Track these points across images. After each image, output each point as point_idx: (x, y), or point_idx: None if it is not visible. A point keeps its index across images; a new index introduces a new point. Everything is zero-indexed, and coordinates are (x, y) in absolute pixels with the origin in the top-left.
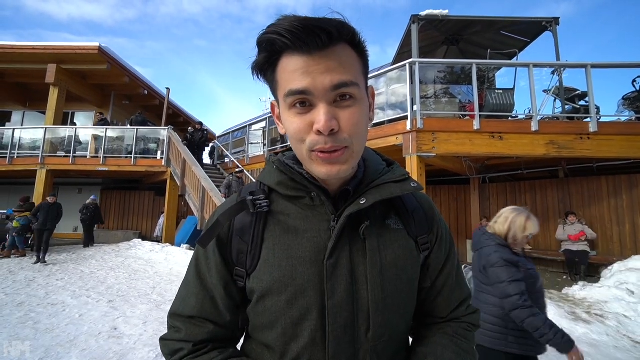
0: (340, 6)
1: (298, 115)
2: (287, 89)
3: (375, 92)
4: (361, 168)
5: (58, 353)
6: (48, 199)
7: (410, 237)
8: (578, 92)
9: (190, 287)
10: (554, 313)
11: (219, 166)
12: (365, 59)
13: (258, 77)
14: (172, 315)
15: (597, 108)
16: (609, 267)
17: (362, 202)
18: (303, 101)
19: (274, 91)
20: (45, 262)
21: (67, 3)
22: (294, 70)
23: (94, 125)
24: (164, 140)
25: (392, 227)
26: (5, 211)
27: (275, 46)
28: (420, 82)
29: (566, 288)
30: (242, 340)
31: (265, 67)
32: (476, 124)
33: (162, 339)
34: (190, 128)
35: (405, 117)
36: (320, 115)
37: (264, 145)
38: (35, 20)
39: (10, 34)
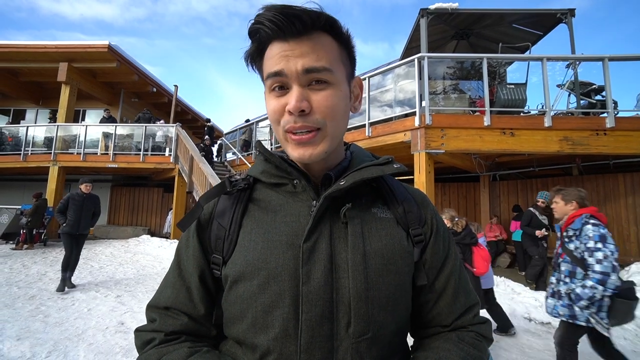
0: (348, 3)
1: (275, 97)
2: (266, 73)
3: (383, 89)
4: (347, 158)
5: (66, 347)
6: (81, 187)
7: (400, 226)
8: (594, 86)
9: (169, 278)
10: None
11: (226, 163)
12: (349, 48)
13: (252, 67)
14: (149, 307)
15: (615, 103)
16: (626, 268)
17: (341, 184)
18: (281, 85)
19: (263, 80)
20: (74, 285)
21: (80, 3)
22: (273, 55)
23: (100, 122)
24: (171, 137)
25: (378, 215)
26: (19, 207)
27: (261, 36)
28: (429, 78)
29: None
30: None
31: (255, 56)
32: (486, 120)
33: (137, 331)
34: (201, 144)
35: (414, 113)
36: (291, 97)
37: (271, 142)
38: (49, 21)
39: (25, 35)
